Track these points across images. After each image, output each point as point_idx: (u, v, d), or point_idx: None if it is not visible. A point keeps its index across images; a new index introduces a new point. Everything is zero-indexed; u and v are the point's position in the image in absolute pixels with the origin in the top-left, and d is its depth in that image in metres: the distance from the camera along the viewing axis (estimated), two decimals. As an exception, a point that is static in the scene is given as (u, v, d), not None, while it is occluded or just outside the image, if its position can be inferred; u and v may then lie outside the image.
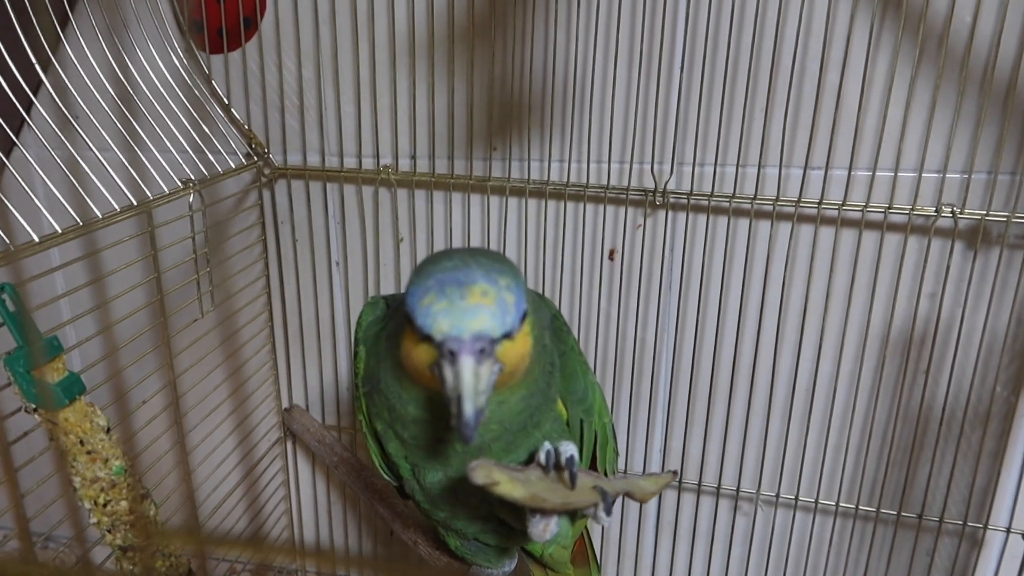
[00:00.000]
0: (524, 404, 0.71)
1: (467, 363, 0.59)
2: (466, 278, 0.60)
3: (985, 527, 1.14)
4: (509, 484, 0.62)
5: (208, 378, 1.18)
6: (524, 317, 0.63)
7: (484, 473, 0.62)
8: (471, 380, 0.58)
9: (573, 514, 0.76)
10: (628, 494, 0.70)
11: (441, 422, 0.72)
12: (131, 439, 0.97)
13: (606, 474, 0.88)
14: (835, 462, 1.21)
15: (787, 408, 1.18)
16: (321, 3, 1.14)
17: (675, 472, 0.77)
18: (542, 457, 0.69)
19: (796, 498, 1.22)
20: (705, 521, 1.28)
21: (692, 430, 1.24)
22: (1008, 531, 1.14)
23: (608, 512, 0.67)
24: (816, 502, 1.22)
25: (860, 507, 1.20)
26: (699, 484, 1.25)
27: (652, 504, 1.30)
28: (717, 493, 1.25)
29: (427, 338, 0.61)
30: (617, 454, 0.97)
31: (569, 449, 0.69)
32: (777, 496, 1.23)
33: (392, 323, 0.75)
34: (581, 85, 1.10)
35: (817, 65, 1.03)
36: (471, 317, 0.59)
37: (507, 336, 0.61)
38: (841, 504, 1.21)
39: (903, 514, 1.17)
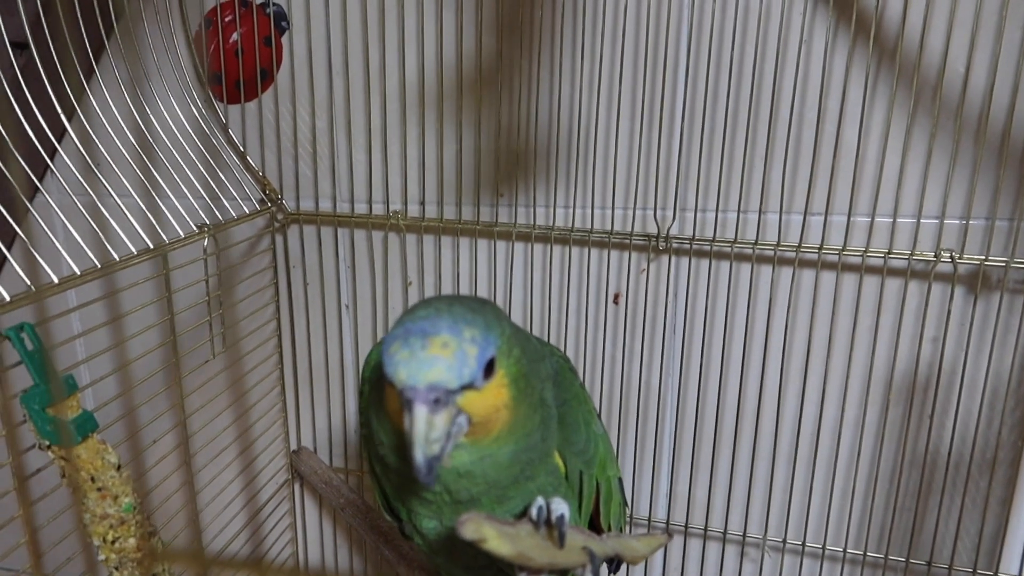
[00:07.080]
0: (513, 459, 0.71)
1: (420, 412, 0.61)
2: (431, 328, 0.63)
3: (996, 575, 1.13)
4: (497, 540, 0.63)
5: (218, 419, 1.20)
6: (491, 368, 0.64)
7: (473, 528, 0.63)
8: (422, 428, 0.61)
9: (563, 573, 0.76)
10: (618, 555, 0.70)
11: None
12: (141, 477, 0.98)
13: (610, 528, 0.88)
14: (842, 507, 1.20)
15: (792, 452, 1.19)
16: (335, 56, 1.19)
17: (669, 534, 0.77)
18: (534, 513, 0.69)
19: (803, 544, 1.21)
20: (712, 567, 1.27)
21: (698, 475, 1.24)
22: (1019, 579, 1.13)
23: (595, 574, 0.68)
24: (823, 548, 1.21)
25: (868, 553, 1.19)
26: (705, 529, 1.24)
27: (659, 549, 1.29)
28: (724, 538, 1.24)
29: (392, 385, 0.63)
30: (627, 506, 0.97)
31: (560, 508, 0.69)
32: (784, 542, 1.22)
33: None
34: (585, 133, 1.14)
35: (815, 114, 1.06)
36: (427, 368, 0.61)
37: (470, 387, 0.63)
38: (848, 550, 1.20)
39: (912, 561, 1.16)
